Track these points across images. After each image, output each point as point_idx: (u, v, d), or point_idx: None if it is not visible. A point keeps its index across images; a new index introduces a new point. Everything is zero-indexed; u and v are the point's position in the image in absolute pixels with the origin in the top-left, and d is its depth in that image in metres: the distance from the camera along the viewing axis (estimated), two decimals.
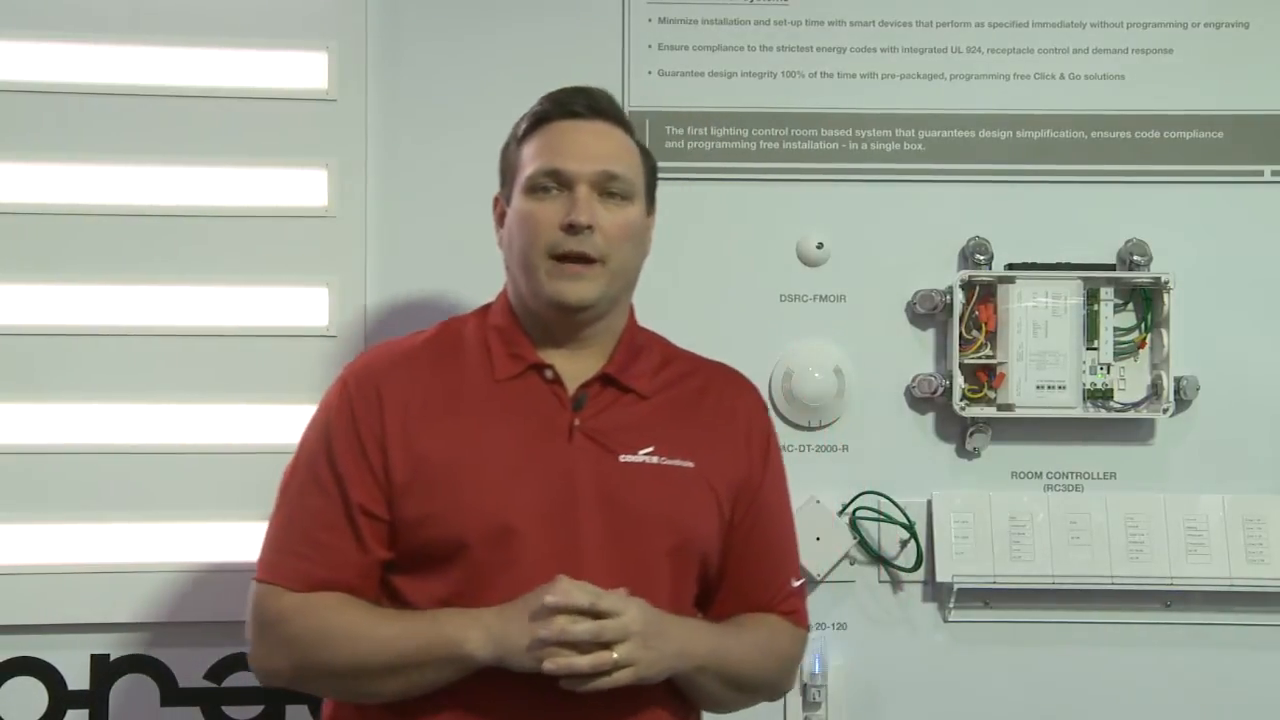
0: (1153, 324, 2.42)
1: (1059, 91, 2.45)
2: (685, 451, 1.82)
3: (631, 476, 1.78)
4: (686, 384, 1.88)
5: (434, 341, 1.86)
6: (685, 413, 1.85)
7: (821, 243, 2.44)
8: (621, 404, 1.82)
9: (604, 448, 1.78)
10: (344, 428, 1.78)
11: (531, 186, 1.78)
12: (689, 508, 1.82)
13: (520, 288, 1.83)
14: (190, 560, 2.32)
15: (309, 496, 1.78)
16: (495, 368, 1.80)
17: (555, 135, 1.80)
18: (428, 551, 1.75)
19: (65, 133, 2.33)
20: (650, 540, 1.78)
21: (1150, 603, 2.42)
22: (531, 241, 1.77)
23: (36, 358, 2.31)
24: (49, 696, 2.33)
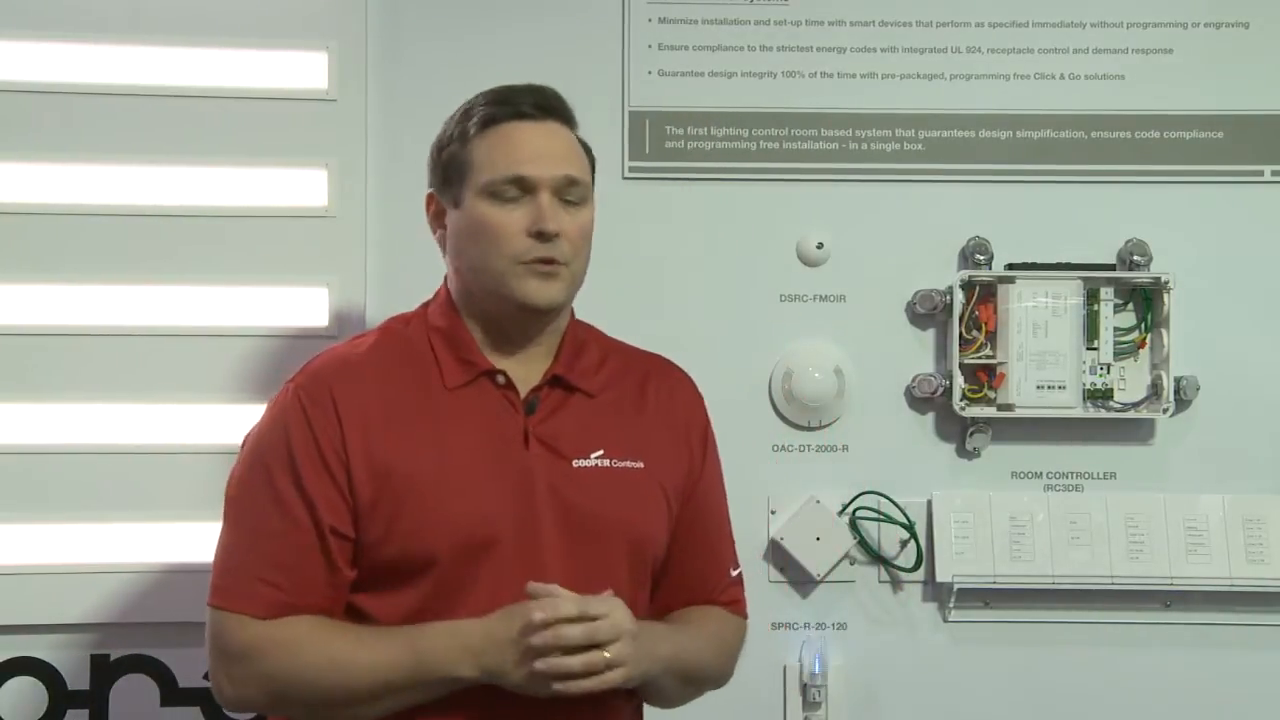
0: (1153, 324, 2.42)
1: (1059, 91, 2.45)
2: (634, 452, 1.80)
3: (585, 481, 1.76)
4: (627, 380, 1.86)
5: (379, 348, 1.79)
6: (630, 410, 1.84)
7: (821, 243, 2.44)
8: (570, 405, 1.80)
9: (557, 453, 1.76)
10: (303, 441, 1.70)
11: (492, 192, 1.74)
12: (641, 510, 1.81)
13: (474, 291, 1.78)
14: (190, 560, 2.32)
15: (267, 516, 1.71)
16: (445, 376, 1.76)
17: (511, 137, 1.76)
18: (394, 568, 1.71)
19: (65, 133, 2.33)
20: (607, 545, 1.77)
21: (1150, 603, 2.42)
22: (496, 249, 1.73)
23: (36, 358, 2.31)
24: (49, 696, 2.34)
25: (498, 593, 1.69)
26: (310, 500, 1.70)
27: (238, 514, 1.75)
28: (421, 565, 1.70)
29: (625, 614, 1.67)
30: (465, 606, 1.69)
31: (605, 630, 1.64)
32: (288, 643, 1.68)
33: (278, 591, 1.69)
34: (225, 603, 1.70)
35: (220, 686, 1.72)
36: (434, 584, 1.70)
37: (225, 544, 1.74)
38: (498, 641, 1.64)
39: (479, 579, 1.70)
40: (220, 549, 1.75)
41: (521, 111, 1.77)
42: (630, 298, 1.89)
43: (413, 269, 2.37)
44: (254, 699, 1.72)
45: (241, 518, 1.74)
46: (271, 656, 1.68)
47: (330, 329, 2.36)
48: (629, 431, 1.81)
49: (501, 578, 1.70)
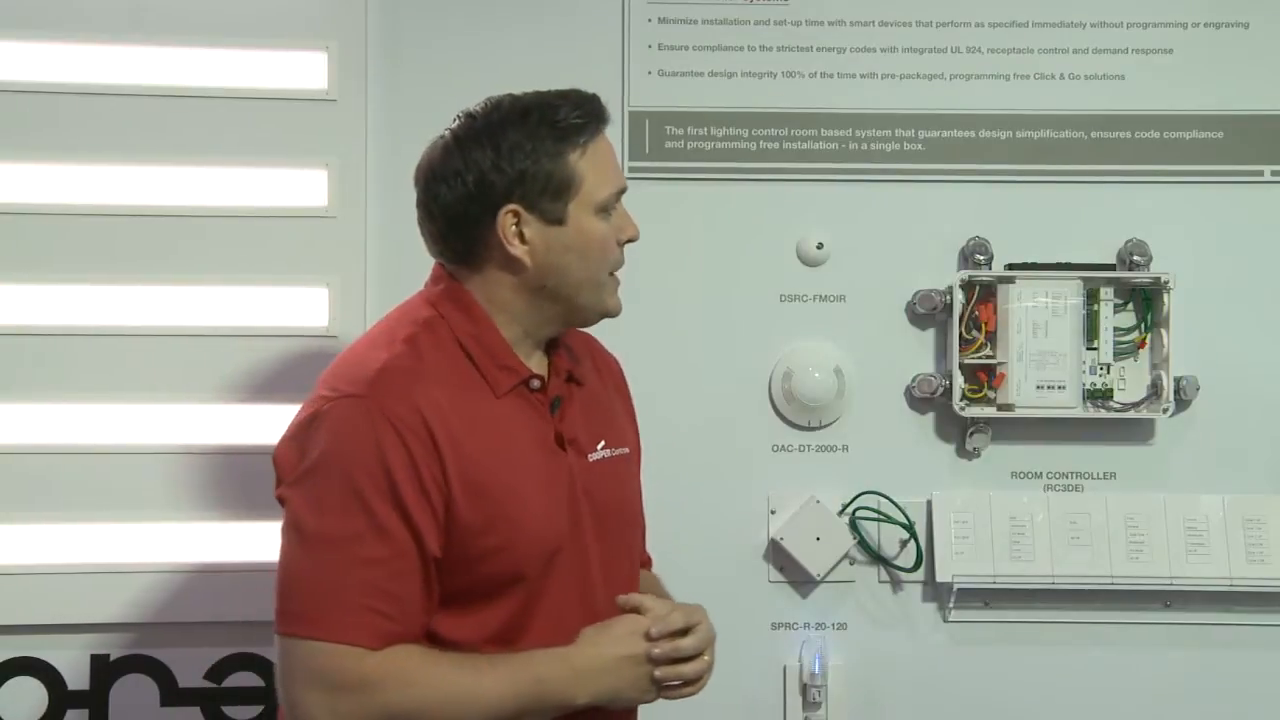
0: (1153, 324, 2.42)
1: (1059, 91, 2.45)
2: (620, 438, 1.83)
3: (600, 475, 1.77)
4: (585, 361, 1.86)
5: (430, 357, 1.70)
6: (602, 395, 1.86)
7: (821, 243, 2.44)
8: (573, 399, 1.79)
9: (579, 451, 1.77)
10: (404, 466, 1.61)
11: (604, 208, 1.72)
12: (638, 494, 1.86)
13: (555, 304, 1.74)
14: (190, 560, 2.32)
15: (370, 545, 1.61)
16: (493, 384, 1.72)
17: (607, 149, 1.75)
18: (483, 586, 1.68)
19: (65, 133, 2.33)
20: (625, 535, 1.80)
21: (1150, 603, 2.42)
22: (603, 262, 1.74)
23: (36, 358, 2.31)
24: (49, 696, 2.34)
25: (562, 600, 1.71)
26: (415, 526, 1.62)
27: (324, 539, 1.63)
28: (511, 579, 1.68)
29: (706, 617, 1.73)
30: (540, 618, 1.70)
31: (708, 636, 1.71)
32: (401, 675, 1.61)
33: (389, 621, 1.61)
34: (329, 634, 1.60)
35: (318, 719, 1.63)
36: (520, 597, 1.69)
37: (310, 571, 1.63)
38: (610, 662, 1.66)
39: (549, 590, 1.70)
40: (301, 575, 1.64)
41: (603, 119, 1.75)
42: (630, 298, 1.89)
43: (413, 269, 2.38)
44: None
45: (333, 544, 1.62)
46: (386, 689, 1.61)
47: (330, 329, 2.36)
48: (610, 416, 1.85)
49: (564, 585, 1.71)
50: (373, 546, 1.61)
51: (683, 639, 1.69)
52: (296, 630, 1.62)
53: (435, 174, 1.74)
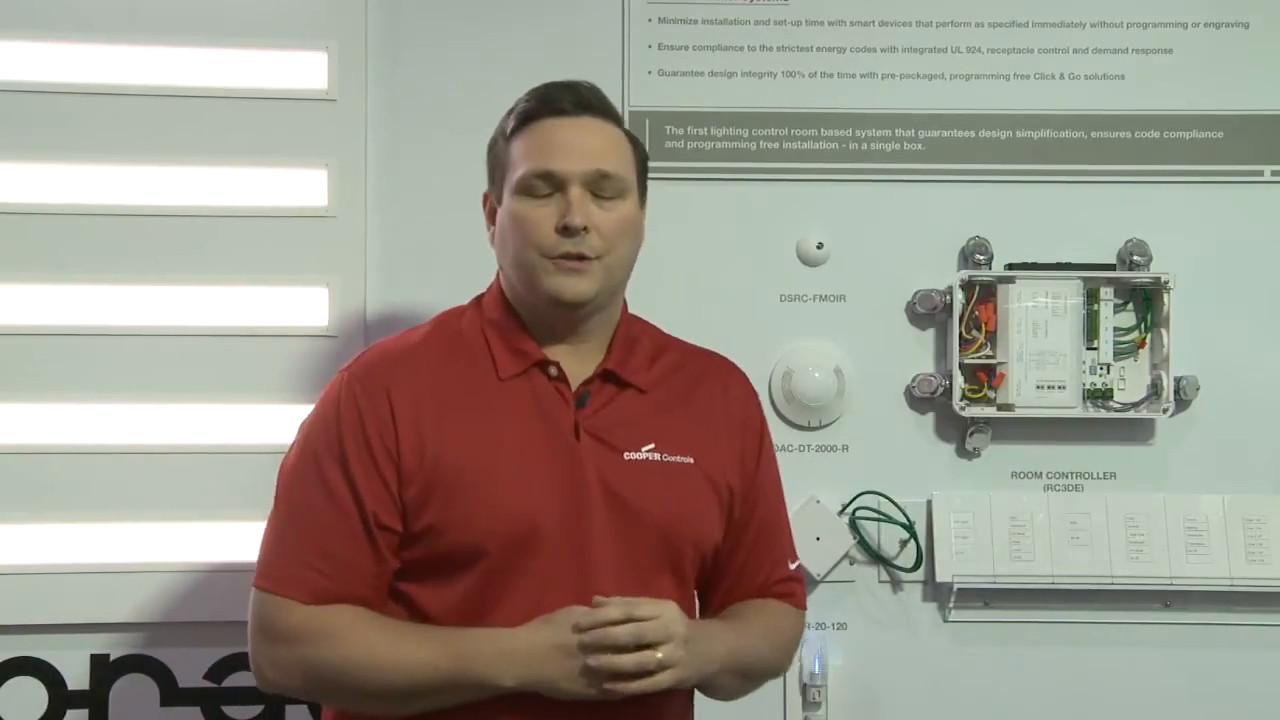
0: (1153, 324, 2.42)
1: (1059, 91, 2.45)
2: (684, 447, 1.82)
3: (636, 475, 1.77)
4: (680, 375, 1.88)
5: (433, 338, 1.82)
6: (681, 406, 1.85)
7: (821, 243, 2.44)
8: (621, 399, 1.81)
9: (609, 446, 1.77)
10: (354, 433, 1.73)
11: (523, 188, 1.76)
12: (691, 505, 1.82)
13: (516, 285, 1.81)
14: (190, 560, 2.32)
15: (317, 505, 1.73)
16: (498, 365, 1.78)
17: (544, 134, 1.78)
18: (444, 558, 1.73)
19: (65, 133, 2.33)
20: (655, 538, 1.78)
21: (1150, 603, 2.42)
22: (526, 243, 1.76)
23: (36, 358, 2.31)
24: (49, 696, 2.34)
25: (547, 584, 1.71)
26: (357, 490, 1.72)
27: (288, 500, 1.77)
28: (471, 556, 1.72)
29: (677, 616, 1.69)
30: (513, 597, 1.71)
31: (654, 630, 1.66)
32: (330, 632, 1.69)
33: (324, 578, 1.71)
34: (272, 586, 1.72)
35: (260, 668, 1.74)
36: (483, 574, 1.72)
37: (273, 528, 1.76)
38: (541, 649, 1.66)
39: (528, 570, 1.71)
40: (268, 532, 1.77)
41: (558, 108, 1.79)
42: (630, 298, 1.90)
43: (413, 269, 2.39)
44: (292, 684, 1.74)
45: (291, 504, 1.76)
46: (313, 644, 1.70)
47: (330, 329, 2.36)
48: (680, 427, 1.83)
49: (550, 569, 1.72)
50: (319, 508, 1.73)
51: (616, 627, 1.64)
52: (254, 582, 1.75)
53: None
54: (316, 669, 1.70)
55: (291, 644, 1.71)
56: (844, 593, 2.43)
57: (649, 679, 1.66)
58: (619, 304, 1.87)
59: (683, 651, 1.68)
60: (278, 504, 1.78)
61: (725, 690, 1.85)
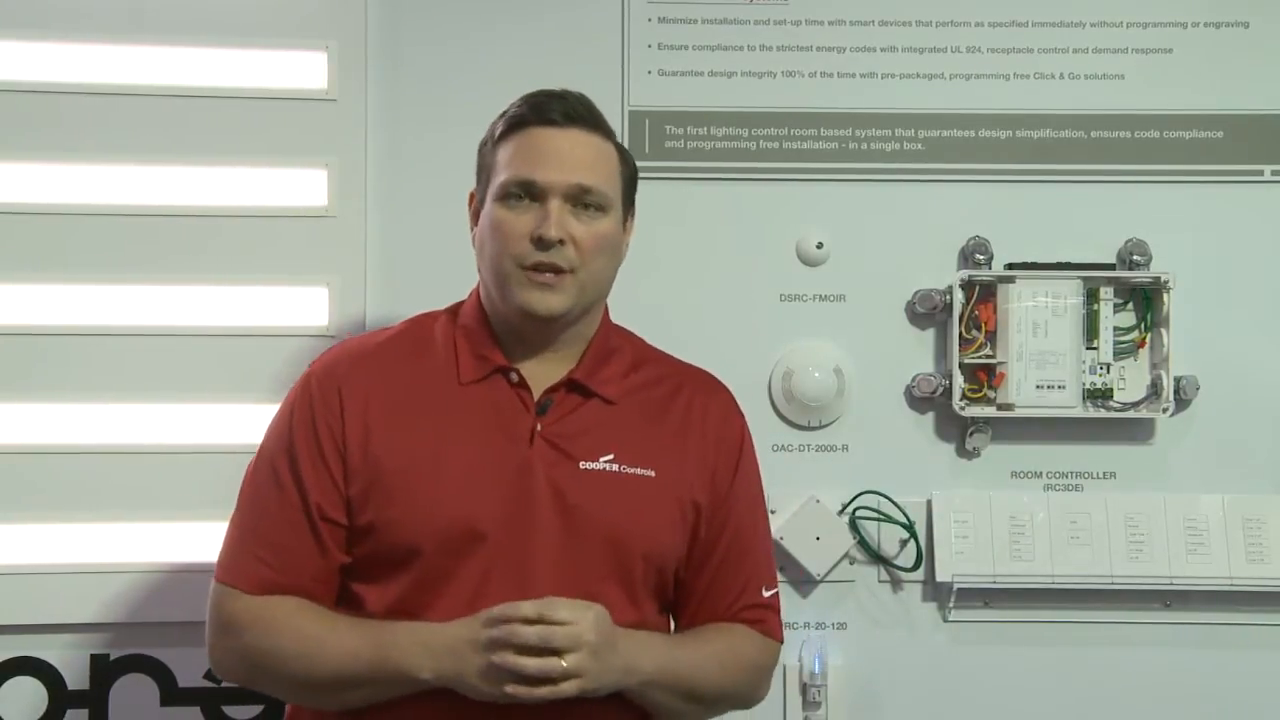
0: (1153, 324, 2.42)
1: (1059, 91, 2.45)
2: (647, 460, 1.80)
3: (589, 484, 1.76)
4: (656, 389, 1.87)
5: (400, 339, 1.85)
6: (651, 419, 1.84)
7: (821, 243, 2.44)
8: (586, 409, 1.80)
9: (564, 454, 1.77)
10: (305, 428, 1.77)
11: (504, 194, 1.76)
12: (647, 517, 1.80)
13: (491, 291, 1.81)
14: (190, 560, 2.32)
15: (268, 498, 1.78)
16: (460, 370, 1.79)
17: (530, 143, 1.77)
18: (382, 557, 1.74)
19: (65, 133, 2.33)
20: (604, 549, 1.76)
21: (1150, 603, 2.42)
22: (501, 250, 1.76)
23: (36, 358, 2.31)
24: (49, 696, 2.34)
25: (483, 587, 1.71)
26: (303, 483, 1.75)
27: (245, 493, 1.82)
28: (405, 555, 1.73)
29: (593, 625, 1.65)
30: (447, 598, 1.71)
31: (561, 637, 1.63)
32: (266, 620, 1.73)
33: (268, 569, 1.75)
34: (221, 575, 1.78)
35: (211, 656, 1.79)
36: (417, 574, 1.73)
37: (232, 520, 1.82)
38: (457, 644, 1.66)
39: (464, 572, 1.72)
40: (229, 525, 1.82)
41: (547, 118, 1.78)
42: (630, 298, 1.90)
43: (413, 269, 2.39)
44: (234, 670, 1.79)
45: (246, 496, 1.81)
46: (250, 631, 1.74)
47: (330, 329, 2.36)
48: (646, 439, 1.81)
49: (487, 573, 1.71)
50: (268, 501, 1.77)
51: (524, 626, 1.62)
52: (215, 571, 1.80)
53: None
54: (254, 657, 1.74)
55: (235, 632, 1.75)
56: (844, 592, 2.43)
57: (552, 687, 1.63)
58: (597, 317, 1.86)
59: (591, 661, 1.64)
60: (239, 497, 1.83)
61: (668, 710, 1.79)
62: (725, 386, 1.95)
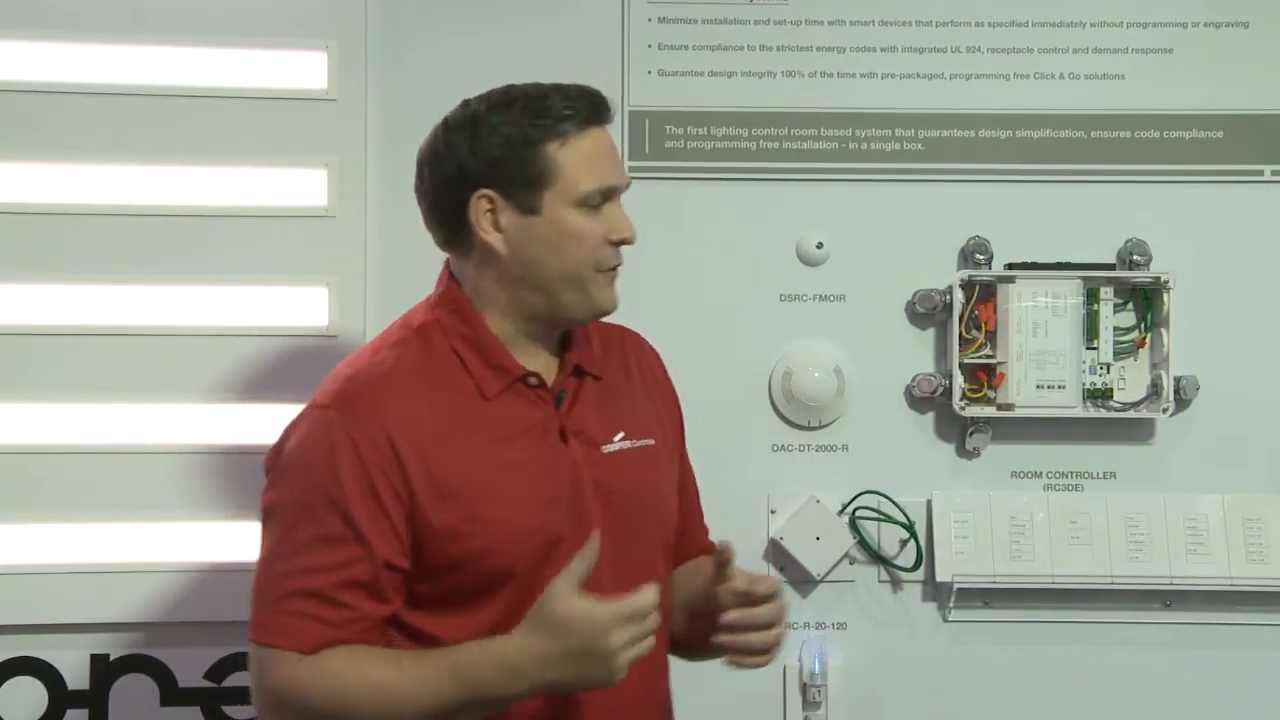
0: (1153, 324, 2.42)
1: (1059, 91, 2.45)
2: (644, 429, 1.82)
3: (616, 466, 1.77)
4: (611, 354, 1.86)
5: (406, 361, 1.72)
6: (625, 386, 1.85)
7: (821, 243, 2.44)
8: (585, 390, 1.79)
9: (588, 442, 1.77)
10: (355, 477, 1.63)
11: (584, 201, 1.71)
12: (663, 485, 1.84)
13: (531, 296, 1.74)
14: (190, 560, 2.32)
15: (317, 553, 1.63)
16: (482, 385, 1.72)
17: (599, 147, 1.73)
18: (470, 586, 1.67)
19: (65, 133, 2.33)
20: (643, 525, 1.78)
21: (1150, 603, 2.42)
22: (583, 258, 1.72)
23: (36, 358, 2.31)
24: (49, 696, 2.34)
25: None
26: (363, 536, 1.63)
27: (280, 547, 1.66)
28: (500, 579, 1.67)
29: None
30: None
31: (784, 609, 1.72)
32: (329, 677, 1.61)
33: (324, 626, 1.62)
34: (266, 637, 1.63)
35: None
36: (511, 595, 1.67)
37: (265, 576, 1.66)
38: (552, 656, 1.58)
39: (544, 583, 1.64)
40: (259, 582, 1.66)
41: (603, 118, 1.75)
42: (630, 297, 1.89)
43: (413, 269, 2.38)
44: None
45: (284, 551, 1.65)
46: (315, 692, 1.61)
47: (330, 329, 2.36)
48: (635, 409, 1.83)
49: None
50: (319, 555, 1.63)
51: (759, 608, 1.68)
52: (251, 635, 1.66)
53: (424, 157, 1.78)
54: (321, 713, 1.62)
55: (299, 698, 1.62)
56: (844, 592, 2.43)
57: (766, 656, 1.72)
58: None
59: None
60: (268, 552, 1.67)
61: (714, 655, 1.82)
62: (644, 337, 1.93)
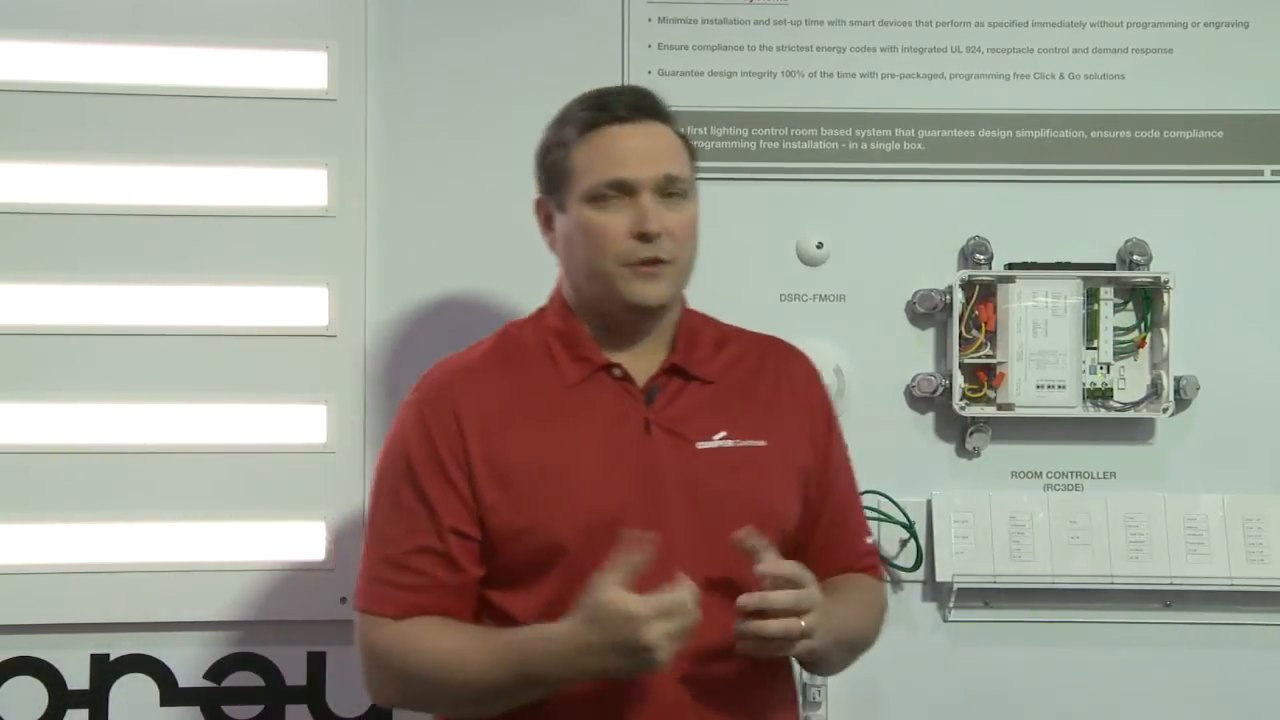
0: (1153, 323, 2.42)
1: (1059, 91, 2.45)
2: (756, 431, 1.84)
3: (710, 462, 1.80)
4: (744, 363, 1.91)
5: (496, 352, 1.86)
6: (749, 392, 1.88)
7: (821, 243, 2.44)
8: (689, 392, 1.84)
9: (680, 437, 1.80)
10: (423, 451, 1.78)
11: (593, 196, 1.78)
12: (767, 487, 1.85)
13: (584, 293, 1.83)
14: (190, 560, 2.32)
15: (394, 523, 1.79)
16: (562, 374, 1.81)
17: (609, 142, 1.79)
18: (526, 563, 1.76)
19: (65, 133, 2.33)
20: (735, 524, 1.78)
21: (1150, 603, 2.42)
22: (601, 252, 1.78)
23: (36, 358, 2.31)
24: (49, 696, 2.34)
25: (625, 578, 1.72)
26: (429, 503, 1.77)
27: (370, 525, 1.84)
28: (551, 556, 1.75)
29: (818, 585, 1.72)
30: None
31: (807, 599, 1.69)
32: (409, 642, 1.75)
33: (406, 592, 1.76)
34: (360, 604, 1.80)
35: (366, 683, 1.80)
36: (566, 574, 1.73)
37: (365, 551, 1.83)
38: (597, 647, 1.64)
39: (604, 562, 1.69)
40: (363, 555, 1.83)
41: (617, 115, 1.80)
42: None
43: (413, 269, 2.39)
44: (391, 696, 1.84)
45: (374, 526, 1.82)
46: (394, 655, 1.76)
47: (330, 329, 2.36)
48: (750, 412, 1.86)
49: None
50: (395, 525, 1.78)
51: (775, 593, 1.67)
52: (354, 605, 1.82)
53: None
54: (401, 680, 1.77)
55: (383, 658, 1.77)
56: None
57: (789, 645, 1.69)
58: (680, 301, 1.91)
59: (823, 619, 1.71)
60: (366, 529, 1.85)
61: (830, 664, 1.87)
62: (800, 351, 1.99)
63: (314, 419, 2.35)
